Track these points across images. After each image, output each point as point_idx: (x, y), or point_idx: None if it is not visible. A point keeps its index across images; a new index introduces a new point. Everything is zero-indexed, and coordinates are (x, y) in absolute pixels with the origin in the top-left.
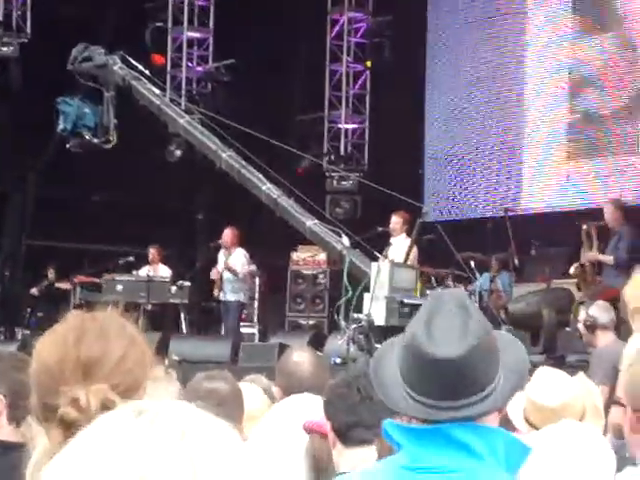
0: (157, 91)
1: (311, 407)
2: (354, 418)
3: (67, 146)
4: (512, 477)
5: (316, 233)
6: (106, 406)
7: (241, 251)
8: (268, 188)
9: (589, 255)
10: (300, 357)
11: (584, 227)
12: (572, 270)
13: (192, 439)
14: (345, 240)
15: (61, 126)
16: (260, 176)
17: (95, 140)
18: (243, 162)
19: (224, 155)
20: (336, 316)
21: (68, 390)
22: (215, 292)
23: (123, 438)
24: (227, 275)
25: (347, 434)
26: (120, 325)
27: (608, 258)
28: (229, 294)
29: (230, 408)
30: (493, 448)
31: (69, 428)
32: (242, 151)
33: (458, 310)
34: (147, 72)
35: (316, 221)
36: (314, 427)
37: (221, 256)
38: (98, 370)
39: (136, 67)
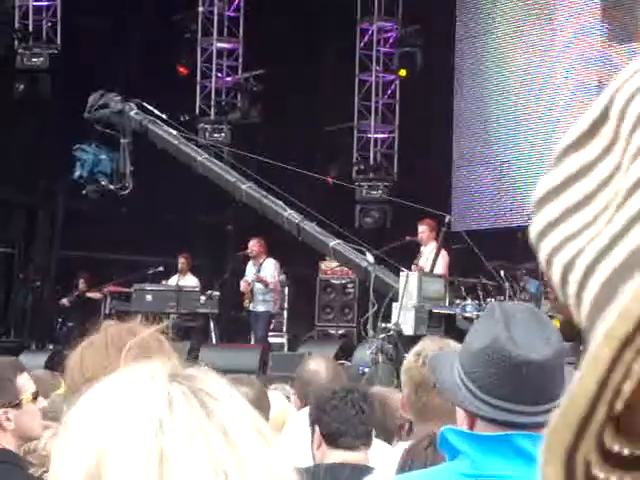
0: (174, 132)
1: None
2: (346, 428)
3: (83, 192)
4: None
5: (340, 252)
6: None
7: (271, 261)
8: (290, 214)
9: None
10: (317, 365)
11: None
12: None
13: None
14: (369, 257)
15: (77, 173)
16: (281, 203)
17: (111, 186)
18: (263, 192)
19: (244, 187)
20: (362, 328)
21: None
22: (246, 303)
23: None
24: (258, 286)
25: (337, 440)
26: (158, 340)
27: None
28: (259, 304)
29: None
30: None
31: None
32: (263, 178)
33: (532, 318)
34: (164, 116)
35: (339, 241)
36: None
37: (250, 267)
38: None
39: (152, 112)
